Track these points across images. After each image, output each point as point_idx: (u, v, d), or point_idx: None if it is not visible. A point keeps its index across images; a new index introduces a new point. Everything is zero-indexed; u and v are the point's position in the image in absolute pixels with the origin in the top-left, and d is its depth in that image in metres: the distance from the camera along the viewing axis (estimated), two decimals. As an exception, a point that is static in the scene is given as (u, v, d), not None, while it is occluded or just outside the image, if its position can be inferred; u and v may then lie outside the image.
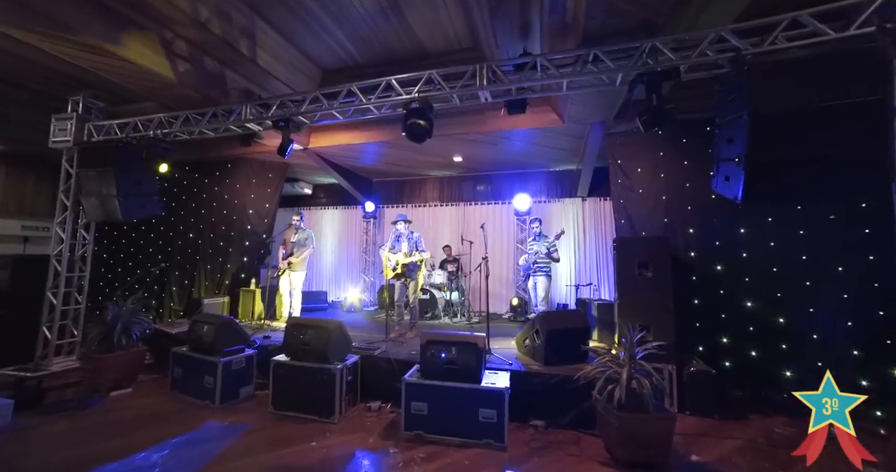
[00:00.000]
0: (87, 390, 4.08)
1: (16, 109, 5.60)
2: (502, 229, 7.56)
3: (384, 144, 6.14)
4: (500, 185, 7.70)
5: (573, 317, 3.98)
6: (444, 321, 6.30)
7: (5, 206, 7.23)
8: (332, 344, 3.63)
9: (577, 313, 4.01)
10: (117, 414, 3.57)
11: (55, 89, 4.99)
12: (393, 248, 5.15)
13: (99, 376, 4.05)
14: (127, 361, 4.24)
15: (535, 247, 5.23)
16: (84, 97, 5.09)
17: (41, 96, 5.15)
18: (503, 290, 7.41)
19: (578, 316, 3.98)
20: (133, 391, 4.15)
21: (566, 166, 7.23)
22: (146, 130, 4.75)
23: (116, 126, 4.88)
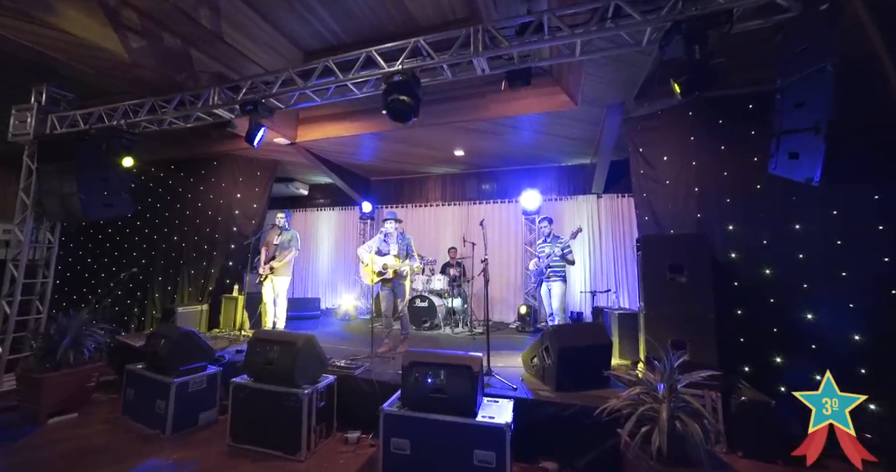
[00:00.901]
0: (25, 415, 3.51)
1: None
2: (509, 230, 6.87)
3: (378, 137, 5.56)
4: (506, 182, 7.03)
5: (591, 331, 3.27)
6: (444, 332, 5.63)
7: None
8: (301, 363, 3.00)
9: (596, 327, 3.29)
10: (41, 451, 2.94)
11: (18, 79, 4.54)
12: (380, 250, 4.53)
13: (38, 399, 3.49)
14: (76, 380, 3.69)
15: (547, 249, 4.53)
16: (48, 87, 4.65)
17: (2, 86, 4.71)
18: (511, 296, 6.70)
19: (597, 331, 3.26)
20: (79, 417, 3.57)
21: (579, 160, 6.52)
22: (110, 121, 4.26)
23: (80, 117, 4.41)
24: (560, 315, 4.34)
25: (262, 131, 3.64)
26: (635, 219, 5.97)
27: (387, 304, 4.46)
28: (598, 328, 3.27)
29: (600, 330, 3.26)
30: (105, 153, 4.10)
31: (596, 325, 3.27)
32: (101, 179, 4.39)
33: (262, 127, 3.61)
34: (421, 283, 6.06)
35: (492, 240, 6.88)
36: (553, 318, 4.42)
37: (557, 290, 4.37)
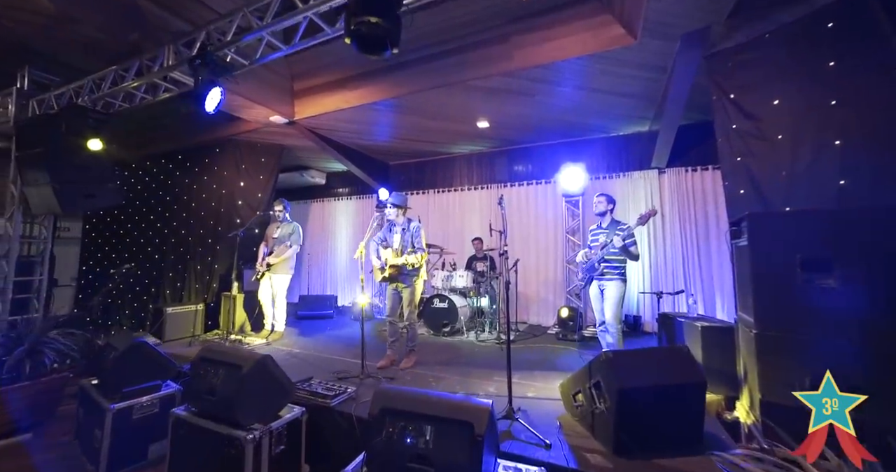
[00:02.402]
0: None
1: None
2: (547, 217, 5.66)
3: (385, 108, 4.61)
4: (542, 159, 5.80)
5: (670, 361, 2.09)
6: (467, 338, 4.62)
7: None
8: (248, 395, 2.16)
9: (678, 355, 2.10)
10: None
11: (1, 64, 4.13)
12: (384, 240, 3.60)
13: (-6, 414, 3.01)
14: (33, 394, 3.17)
15: (602, 237, 3.31)
16: (31, 70, 4.22)
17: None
18: (549, 295, 5.52)
19: (681, 360, 2.08)
20: (32, 438, 3.04)
21: (635, 128, 5.13)
22: (78, 99, 3.70)
23: (54, 98, 3.91)
24: (615, 326, 3.15)
25: (220, 95, 2.82)
26: (713, 196, 4.57)
27: (390, 306, 3.54)
28: (681, 357, 2.07)
29: (686, 360, 2.06)
30: (65, 135, 3.52)
31: (678, 352, 2.08)
32: (77, 168, 3.87)
33: (218, 87, 2.78)
34: (440, 280, 5.08)
35: (527, 228, 5.73)
36: (605, 329, 3.25)
37: (613, 292, 3.16)
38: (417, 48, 3.76)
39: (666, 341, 3.27)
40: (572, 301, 5.20)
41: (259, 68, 4.15)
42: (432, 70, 3.86)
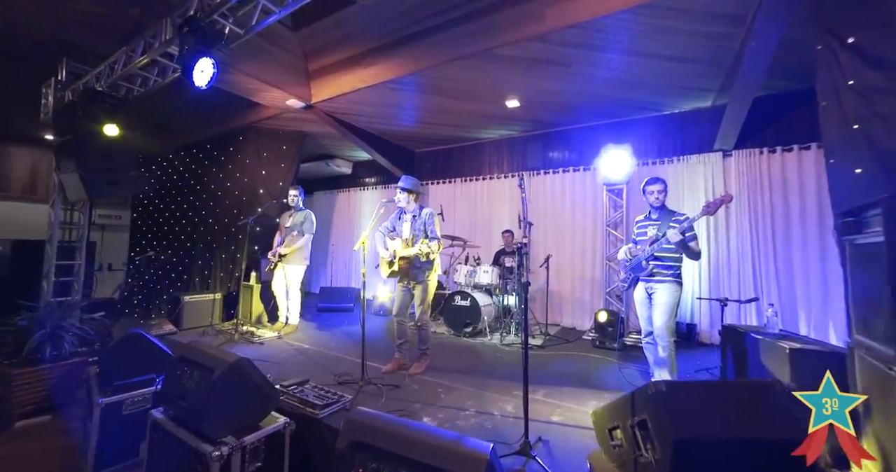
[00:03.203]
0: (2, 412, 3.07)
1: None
2: (585, 207, 4.99)
3: (405, 88, 4.18)
4: (580, 143, 5.11)
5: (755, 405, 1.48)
6: (490, 341, 4.14)
7: (81, 195, 7.32)
8: (219, 403, 1.86)
9: (770, 396, 1.46)
10: None
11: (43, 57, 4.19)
12: (392, 229, 3.20)
13: (8, 397, 3.00)
14: (53, 378, 3.15)
15: (652, 230, 2.65)
16: (68, 61, 4.25)
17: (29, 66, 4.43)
18: (586, 295, 4.88)
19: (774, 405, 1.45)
20: (51, 420, 3.02)
21: (694, 104, 4.31)
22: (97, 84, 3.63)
23: (82, 86, 3.88)
24: (667, 339, 2.52)
25: (213, 68, 2.52)
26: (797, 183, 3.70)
27: (398, 303, 3.15)
28: (773, 398, 1.43)
29: (782, 404, 1.43)
30: (82, 120, 3.45)
31: (768, 389, 1.45)
32: (101, 156, 3.85)
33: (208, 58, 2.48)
34: (463, 275, 4.62)
35: (561, 220, 5.11)
36: (653, 341, 2.63)
37: (665, 296, 2.52)
38: (435, 13, 3.28)
39: (733, 361, 2.59)
40: (612, 303, 4.53)
41: (271, 48, 3.92)
42: (453, 39, 3.35)
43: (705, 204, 2.39)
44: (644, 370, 3.07)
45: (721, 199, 2.35)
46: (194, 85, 2.49)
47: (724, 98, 3.89)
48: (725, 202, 2.36)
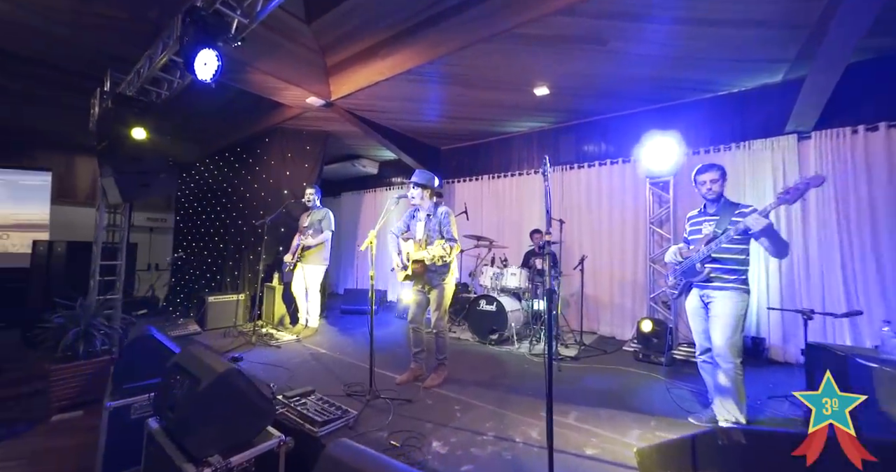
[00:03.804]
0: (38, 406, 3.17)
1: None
2: (624, 204, 4.47)
3: (424, 81, 3.93)
4: (618, 133, 4.59)
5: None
6: (518, 350, 3.77)
7: (133, 200, 7.79)
8: (204, 417, 1.68)
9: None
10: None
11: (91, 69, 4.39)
12: (407, 229, 2.95)
13: (47, 391, 3.10)
14: (84, 375, 3.21)
15: (709, 227, 2.18)
16: (112, 72, 4.44)
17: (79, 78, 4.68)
18: (626, 301, 4.36)
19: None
20: (83, 415, 3.08)
21: (760, 80, 3.68)
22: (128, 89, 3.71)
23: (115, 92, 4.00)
24: (731, 360, 2.03)
25: (217, 60, 2.40)
26: None
27: (413, 309, 2.88)
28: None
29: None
30: (114, 125, 3.52)
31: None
32: (132, 159, 3.94)
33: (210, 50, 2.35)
34: (489, 278, 4.29)
35: (598, 218, 4.63)
36: (711, 361, 2.16)
37: (727, 306, 2.03)
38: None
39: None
40: (657, 311, 3.99)
41: (287, 44, 3.81)
42: (470, 21, 3.05)
43: (784, 190, 1.90)
44: (699, 391, 2.59)
45: (807, 182, 1.84)
46: (197, 78, 2.38)
47: (801, 70, 3.27)
48: (813, 186, 1.84)
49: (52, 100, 4.94)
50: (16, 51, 3.94)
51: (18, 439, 2.85)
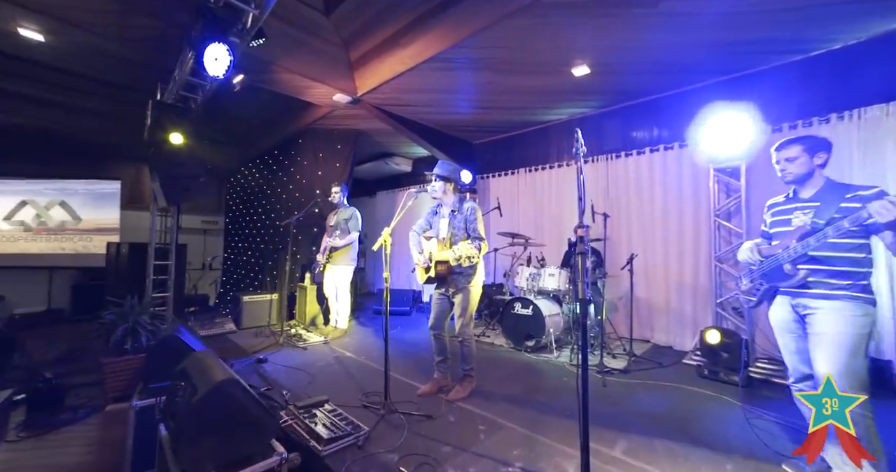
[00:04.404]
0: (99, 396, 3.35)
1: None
2: (682, 194, 3.87)
3: (451, 68, 3.66)
4: (674, 114, 3.98)
5: None
6: (557, 359, 3.37)
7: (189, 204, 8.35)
8: (198, 431, 1.55)
9: None
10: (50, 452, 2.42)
11: (145, 83, 4.67)
12: (430, 227, 2.70)
13: (103, 383, 3.28)
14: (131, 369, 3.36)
15: (802, 217, 1.65)
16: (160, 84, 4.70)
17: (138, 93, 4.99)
18: (686, 305, 3.77)
19: None
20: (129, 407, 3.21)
21: (872, 29, 2.94)
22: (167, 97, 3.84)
23: (157, 101, 4.19)
24: (856, 387, 1.51)
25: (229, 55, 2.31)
26: None
27: (435, 314, 2.62)
28: None
29: None
30: (156, 132, 3.66)
31: None
32: (174, 164, 4.12)
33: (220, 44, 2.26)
34: (525, 279, 3.92)
35: (649, 211, 4.09)
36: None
37: (838, 324, 1.50)
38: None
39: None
40: (726, 319, 3.38)
41: (310, 39, 3.71)
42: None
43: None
44: (791, 425, 2.06)
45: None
46: (208, 74, 2.31)
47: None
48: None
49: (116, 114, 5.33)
50: (82, 71, 4.25)
51: (79, 424, 2.99)
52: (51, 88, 4.60)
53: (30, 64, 3.97)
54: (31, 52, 3.74)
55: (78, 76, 4.33)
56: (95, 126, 5.66)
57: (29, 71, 4.12)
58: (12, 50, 3.68)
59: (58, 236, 6.50)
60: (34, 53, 3.77)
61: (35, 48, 3.64)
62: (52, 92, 4.68)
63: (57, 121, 5.51)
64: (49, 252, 6.34)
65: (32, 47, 3.63)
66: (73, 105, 5.03)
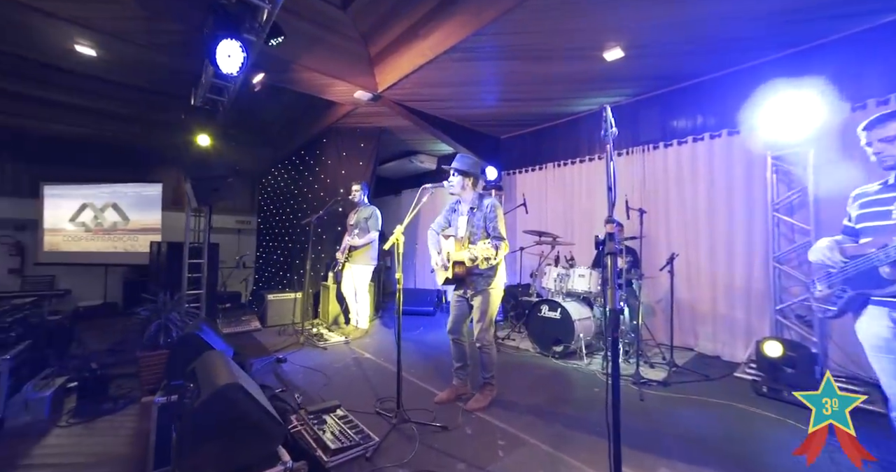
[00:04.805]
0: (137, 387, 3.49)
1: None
2: (732, 187, 3.46)
3: (473, 59, 3.47)
4: (721, 97, 3.56)
5: None
6: (588, 368, 3.10)
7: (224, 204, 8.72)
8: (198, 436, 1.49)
9: None
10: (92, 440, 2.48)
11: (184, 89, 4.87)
12: (449, 225, 2.54)
13: (139, 375, 3.41)
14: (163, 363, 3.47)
15: None
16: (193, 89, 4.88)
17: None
18: (737, 311, 3.36)
19: None
20: (163, 399, 3.31)
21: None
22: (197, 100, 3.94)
23: (188, 105, 4.32)
24: None
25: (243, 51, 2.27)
26: None
27: (453, 317, 2.46)
28: None
29: None
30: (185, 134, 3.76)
31: None
32: (203, 166, 4.25)
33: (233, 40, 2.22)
34: (552, 280, 3.66)
35: (693, 205, 3.71)
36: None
37: None
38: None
39: None
40: (788, 328, 2.96)
41: (328, 36, 3.66)
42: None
43: None
44: (890, 465, 1.70)
45: None
46: (221, 72, 2.28)
47: None
48: None
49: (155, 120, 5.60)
50: (125, 81, 4.47)
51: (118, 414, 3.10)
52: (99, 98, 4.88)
53: (82, 77, 4.23)
54: (84, 67, 3.98)
55: (122, 86, 4.56)
56: (138, 132, 5.99)
57: (83, 83, 4.39)
58: (69, 65, 3.92)
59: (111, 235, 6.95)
60: (87, 68, 4.00)
61: (87, 62, 3.86)
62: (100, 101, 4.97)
63: (106, 128, 5.88)
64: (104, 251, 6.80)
65: (85, 62, 3.85)
66: (117, 113, 5.33)
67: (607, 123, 1.33)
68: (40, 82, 4.38)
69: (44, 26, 3.25)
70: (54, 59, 3.82)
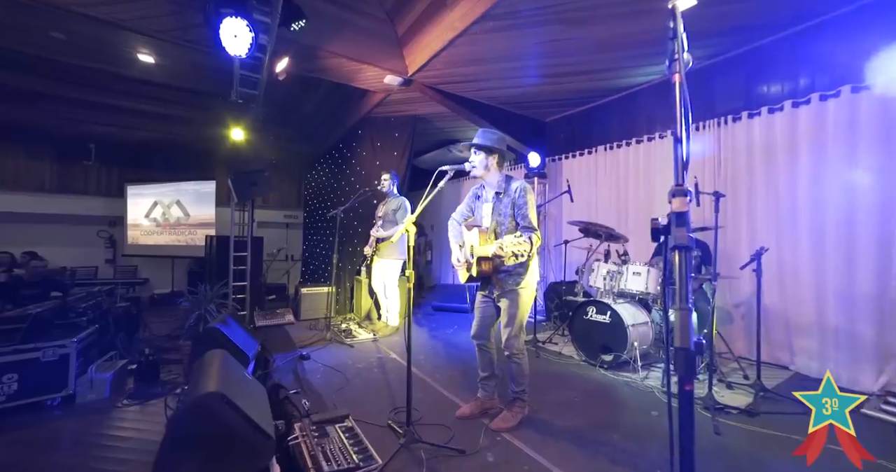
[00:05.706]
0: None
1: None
2: (856, 158, 2.69)
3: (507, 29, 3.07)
4: (833, 47, 2.78)
5: None
6: (644, 383, 2.61)
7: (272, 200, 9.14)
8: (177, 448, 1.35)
9: None
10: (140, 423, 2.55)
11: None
12: (472, 213, 2.21)
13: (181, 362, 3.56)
14: (202, 354, 3.60)
15: None
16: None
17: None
18: (860, 326, 2.63)
19: None
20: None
21: None
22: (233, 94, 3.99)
23: (227, 101, 4.42)
24: None
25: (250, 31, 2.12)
26: None
27: (478, 321, 2.13)
28: None
29: None
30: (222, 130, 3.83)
31: None
32: (242, 161, 4.34)
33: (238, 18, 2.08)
34: (601, 278, 3.18)
35: (786, 190, 3.00)
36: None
37: None
38: None
39: None
40: (931, 349, 2.21)
41: (353, 17, 3.47)
42: None
43: None
44: None
45: None
46: (227, 53, 2.15)
47: None
48: None
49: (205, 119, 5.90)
50: (176, 84, 4.71)
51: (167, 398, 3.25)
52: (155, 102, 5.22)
53: (140, 83, 4.51)
54: (148, 75, 4.24)
55: (180, 90, 4.82)
56: (192, 132, 6.38)
57: (142, 89, 4.71)
58: (132, 73, 4.19)
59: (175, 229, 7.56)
60: (150, 75, 4.26)
61: (148, 70, 4.10)
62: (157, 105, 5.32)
63: (167, 131, 6.33)
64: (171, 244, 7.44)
65: (143, 69, 4.09)
66: (172, 115, 5.68)
67: (677, 31, 0.92)
68: (114, 92, 4.78)
69: (112, 37, 3.44)
70: (122, 68, 4.11)
